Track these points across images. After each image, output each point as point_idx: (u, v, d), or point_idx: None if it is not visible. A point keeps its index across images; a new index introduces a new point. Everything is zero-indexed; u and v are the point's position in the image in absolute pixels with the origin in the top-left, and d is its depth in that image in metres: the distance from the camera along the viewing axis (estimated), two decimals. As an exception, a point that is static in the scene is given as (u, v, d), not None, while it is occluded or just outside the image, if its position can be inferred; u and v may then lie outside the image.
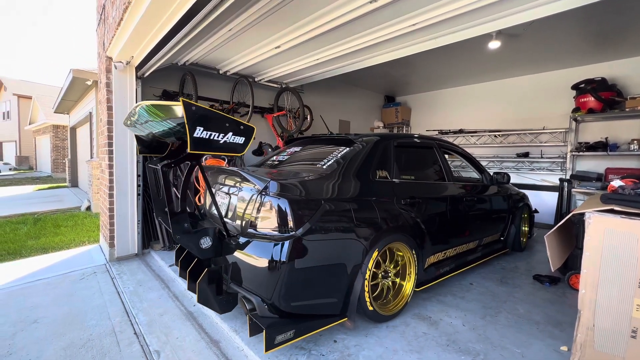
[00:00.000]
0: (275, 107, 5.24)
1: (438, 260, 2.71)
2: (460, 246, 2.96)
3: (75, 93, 8.19)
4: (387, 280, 2.30)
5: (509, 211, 3.66)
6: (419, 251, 2.41)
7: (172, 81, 4.45)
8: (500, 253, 3.60)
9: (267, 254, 1.76)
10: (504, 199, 3.60)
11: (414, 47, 3.57)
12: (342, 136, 2.66)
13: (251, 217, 1.94)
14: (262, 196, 1.86)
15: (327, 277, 1.90)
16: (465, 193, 3.03)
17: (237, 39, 3.29)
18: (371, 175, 2.28)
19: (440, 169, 2.94)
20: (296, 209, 1.81)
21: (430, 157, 2.96)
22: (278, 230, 1.80)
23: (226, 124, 1.52)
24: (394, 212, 2.27)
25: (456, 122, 7.07)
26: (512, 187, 3.93)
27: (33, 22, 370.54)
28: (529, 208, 4.09)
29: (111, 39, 3.17)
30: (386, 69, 5.65)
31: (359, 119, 7.64)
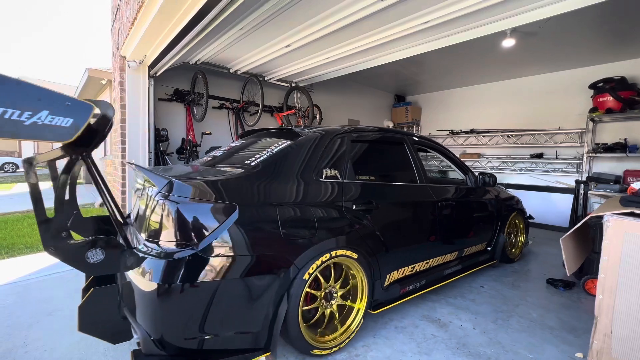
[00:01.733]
0: (284, 106, 5.26)
1: (404, 275, 2.29)
2: (435, 259, 2.54)
3: (90, 92, 8.38)
4: (332, 302, 1.92)
5: (498, 218, 3.23)
6: (375, 266, 2.02)
7: (184, 80, 4.51)
8: (486, 265, 3.16)
9: (156, 275, 1.35)
10: (492, 204, 3.18)
11: (426, 45, 3.52)
12: (287, 129, 2.28)
13: (152, 226, 1.54)
14: (162, 199, 1.46)
15: (241, 303, 1.51)
16: (443, 197, 2.61)
17: (247, 38, 3.31)
18: (314, 175, 1.89)
19: (411, 169, 2.52)
20: (198, 217, 1.43)
21: (399, 155, 2.53)
22: (176, 243, 1.41)
23: (37, 97, 1.03)
24: (341, 221, 1.88)
25: (467, 122, 6.95)
26: (504, 190, 3.58)
27: (47, 22, 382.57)
28: (523, 214, 3.66)
29: (125, 38, 3.23)
30: (397, 68, 5.59)
31: (369, 118, 7.59)
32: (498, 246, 3.24)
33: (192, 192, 1.47)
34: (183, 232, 1.42)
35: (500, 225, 3.25)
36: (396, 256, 2.19)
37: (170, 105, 4.47)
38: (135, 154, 3.75)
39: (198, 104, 4.44)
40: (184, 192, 1.45)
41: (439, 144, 2.97)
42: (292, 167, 1.85)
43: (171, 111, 4.48)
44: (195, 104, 4.45)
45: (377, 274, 2.05)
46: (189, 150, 4.28)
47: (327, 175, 1.95)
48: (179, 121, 4.56)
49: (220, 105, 4.83)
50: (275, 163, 1.84)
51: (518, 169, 6.15)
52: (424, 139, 2.81)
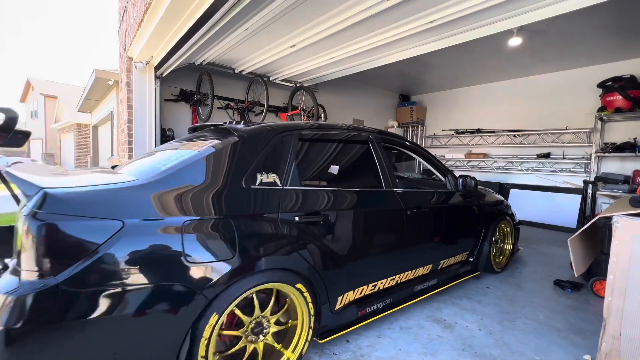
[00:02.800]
0: (289, 106, 5.27)
1: (363, 295, 2.01)
2: (403, 274, 2.24)
3: (98, 93, 8.48)
4: (263, 336, 1.57)
5: (482, 224, 2.94)
6: (321, 288, 1.70)
7: (190, 80, 4.54)
8: (468, 277, 2.86)
9: (4, 313, 1.03)
10: (475, 209, 2.87)
11: (431, 44, 3.51)
12: (218, 125, 1.95)
13: (17, 248, 1.19)
14: (25, 214, 1.11)
15: (129, 347, 1.21)
16: (413, 204, 2.27)
17: (253, 38, 3.33)
18: (244, 181, 1.55)
19: (375, 173, 2.17)
20: (61, 237, 1.09)
21: (361, 156, 2.21)
22: (38, 273, 1.07)
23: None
24: (273, 236, 1.55)
25: (473, 121, 6.90)
26: (491, 193, 3.27)
27: (56, 23, 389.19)
28: (511, 219, 3.33)
29: (132, 40, 3.26)
30: (402, 68, 5.57)
31: (373, 118, 7.57)
32: (482, 256, 2.93)
33: (62, 203, 1.12)
34: (39, 257, 1.07)
35: (484, 232, 2.94)
36: (351, 274, 1.88)
37: (176, 106, 4.51)
38: (141, 154, 3.79)
39: (203, 104, 4.47)
40: (50, 204, 1.10)
41: (414, 142, 2.69)
42: (212, 172, 1.50)
43: (177, 111, 4.52)
44: (200, 104, 4.48)
45: (324, 296, 1.73)
46: (195, 150, 4.31)
47: (262, 182, 1.61)
48: (185, 121, 4.59)
49: (225, 106, 4.86)
50: (190, 168, 1.47)
51: (524, 169, 6.09)
52: (394, 138, 2.51)
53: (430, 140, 7.73)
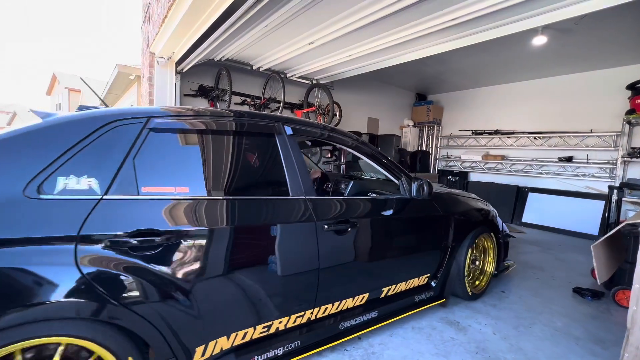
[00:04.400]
0: (305, 103, 5.28)
1: (248, 340, 1.51)
2: (319, 308, 1.71)
3: (119, 87, 8.74)
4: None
5: (450, 239, 2.32)
6: (154, 338, 1.22)
7: (208, 76, 4.62)
8: (428, 306, 2.26)
9: None
10: (439, 221, 2.27)
11: (452, 43, 3.44)
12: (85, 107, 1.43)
13: None
14: None
15: None
16: (336, 215, 1.73)
17: (271, 35, 3.35)
18: (28, 187, 1.07)
19: (280, 175, 1.63)
20: None
21: (260, 153, 1.69)
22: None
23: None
24: (66, 277, 1.06)
25: (492, 122, 6.74)
26: (469, 200, 2.62)
27: (80, 19, 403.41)
28: (495, 231, 2.71)
29: (155, 35, 3.35)
30: (420, 66, 5.49)
31: (389, 117, 7.50)
32: (449, 279, 2.36)
33: None
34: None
35: (453, 249, 2.35)
36: (222, 314, 1.39)
37: (194, 101, 4.60)
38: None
39: (221, 99, 4.54)
40: None
41: (347, 134, 2.01)
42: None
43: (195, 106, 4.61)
44: (218, 99, 4.56)
45: (165, 349, 1.26)
46: (212, 145, 4.39)
47: (65, 189, 1.13)
48: (203, 116, 4.67)
49: (242, 102, 4.92)
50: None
51: (545, 172, 5.91)
52: (311, 127, 1.86)
53: (447, 141, 7.60)
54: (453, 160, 7.41)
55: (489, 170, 6.73)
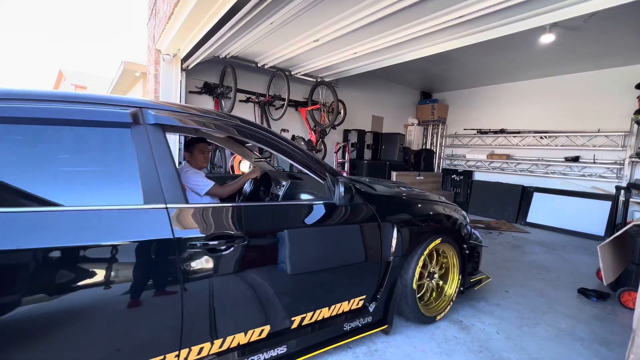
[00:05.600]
0: (309, 101, 5.28)
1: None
2: (188, 349, 1.30)
3: (125, 84, 8.79)
4: None
5: (390, 251, 1.86)
6: None
7: (213, 73, 4.63)
8: (366, 334, 1.87)
9: None
10: (375, 229, 1.82)
11: (460, 40, 3.41)
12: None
13: None
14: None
15: None
16: (208, 228, 1.32)
17: (277, 32, 3.35)
18: None
19: (131, 177, 1.23)
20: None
21: (101, 151, 1.26)
22: None
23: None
24: None
25: (497, 121, 6.68)
26: (425, 203, 2.18)
27: (85, 16, 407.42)
28: (460, 240, 2.25)
29: (161, 32, 3.36)
30: (425, 64, 5.46)
31: (393, 114, 7.48)
32: (393, 300, 1.93)
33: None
34: None
35: (397, 264, 1.90)
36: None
37: (199, 98, 4.61)
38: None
39: (226, 97, 4.55)
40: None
41: (254, 124, 1.63)
42: None
43: (200, 103, 4.62)
44: (223, 97, 4.57)
45: None
46: (216, 142, 4.40)
47: None
48: (208, 113, 4.69)
49: (246, 99, 4.93)
50: None
51: (550, 172, 5.86)
52: (193, 117, 1.44)
53: (451, 140, 7.56)
54: (457, 159, 7.37)
55: (494, 170, 6.69)
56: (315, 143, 5.29)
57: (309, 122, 5.45)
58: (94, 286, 1.09)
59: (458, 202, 7.01)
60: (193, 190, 2.15)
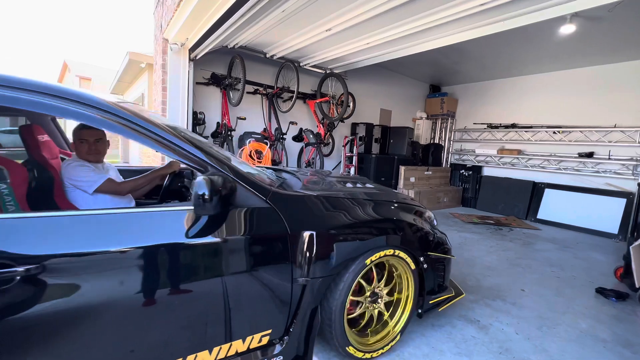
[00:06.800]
0: (318, 93, 5.18)
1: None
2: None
3: (130, 75, 8.71)
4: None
5: (305, 270, 1.40)
6: None
7: (221, 64, 4.54)
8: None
9: None
10: (281, 241, 1.36)
11: (475, 30, 3.28)
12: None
13: None
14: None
15: None
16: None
17: (288, 20, 3.24)
18: None
19: None
20: None
21: None
22: None
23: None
24: None
25: (508, 115, 6.54)
26: (363, 204, 1.69)
27: (90, 5, 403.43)
28: (416, 252, 1.79)
29: (169, 21, 3.27)
30: (436, 56, 5.32)
31: (401, 108, 7.35)
32: (313, 335, 1.47)
33: None
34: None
35: (317, 286, 1.43)
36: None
37: (206, 89, 4.53)
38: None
39: (234, 88, 4.46)
40: None
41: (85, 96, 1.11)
42: None
43: (207, 95, 4.55)
44: (231, 88, 4.48)
45: None
46: (224, 134, 4.34)
47: None
48: (215, 105, 4.62)
49: (254, 91, 4.84)
50: None
51: (563, 168, 5.74)
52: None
53: (460, 134, 7.43)
54: (466, 154, 7.25)
55: (504, 165, 6.57)
56: (324, 136, 5.20)
57: (317, 115, 5.36)
58: None
59: (467, 197, 6.93)
60: (79, 188, 1.68)
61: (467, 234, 4.48)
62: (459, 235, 4.41)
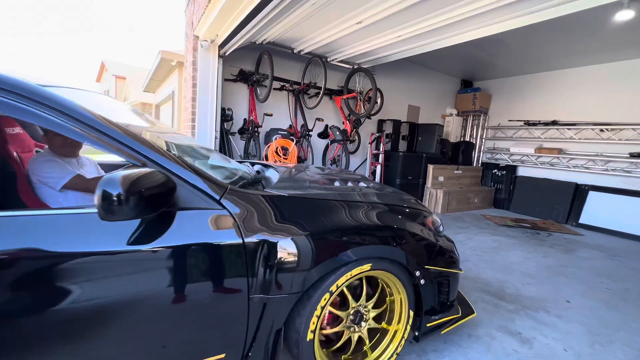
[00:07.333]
0: (345, 89, 5.07)
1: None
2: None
3: (162, 73, 9.02)
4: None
5: (263, 286, 1.17)
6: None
7: (249, 61, 4.55)
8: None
9: None
10: (230, 251, 1.12)
11: (519, 19, 3.04)
12: None
13: None
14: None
15: None
16: None
17: (318, 14, 3.16)
18: None
19: None
20: None
21: None
22: None
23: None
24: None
25: (547, 112, 6.11)
26: (352, 205, 1.46)
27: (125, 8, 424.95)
28: (412, 264, 1.50)
29: (200, 17, 3.30)
30: (470, 49, 5.04)
31: (430, 104, 7.08)
32: (277, 358, 1.28)
33: None
34: None
35: (280, 306, 1.23)
36: None
37: (234, 86, 4.56)
38: (203, 132, 3.92)
39: (261, 84, 4.46)
40: None
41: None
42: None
43: (235, 91, 4.58)
44: (258, 84, 4.49)
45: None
46: (251, 131, 4.36)
47: None
48: (242, 101, 4.65)
49: (281, 87, 4.81)
50: None
51: (611, 169, 5.27)
52: None
53: (494, 132, 7.04)
54: (500, 152, 6.86)
55: (542, 165, 6.15)
56: (350, 133, 5.10)
57: (344, 111, 5.26)
58: None
59: (499, 198, 6.57)
60: (46, 184, 1.56)
61: (502, 237, 4.23)
62: (492, 238, 4.17)
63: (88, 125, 1.00)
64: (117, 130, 1.04)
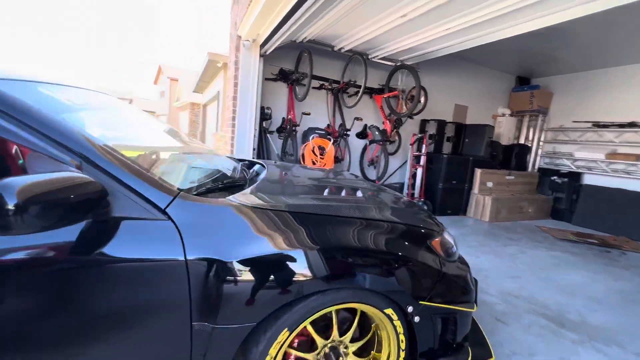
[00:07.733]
0: (386, 88, 4.87)
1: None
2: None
3: (209, 74, 9.51)
4: None
5: (207, 316, 0.99)
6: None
7: (288, 60, 4.57)
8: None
9: None
10: (168, 272, 0.94)
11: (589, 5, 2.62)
12: None
13: None
14: None
15: None
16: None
17: (359, 8, 3.05)
18: None
19: None
20: None
21: None
22: None
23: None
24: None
25: (622, 112, 5.31)
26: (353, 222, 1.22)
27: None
28: (396, 295, 1.20)
29: (242, 17, 3.36)
30: (528, 41, 4.53)
31: (480, 103, 6.56)
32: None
33: None
34: None
35: (231, 337, 1.02)
36: None
37: (274, 85, 4.61)
38: (243, 130, 4.01)
39: (300, 83, 4.45)
40: None
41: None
42: None
43: (274, 90, 4.62)
44: (297, 83, 4.48)
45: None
46: (289, 130, 4.36)
47: None
48: (281, 100, 4.68)
49: (320, 86, 4.76)
50: None
51: None
52: None
53: (554, 134, 6.32)
54: (561, 157, 6.13)
55: (615, 173, 5.36)
56: (390, 133, 4.89)
57: (384, 111, 5.05)
58: None
59: (558, 209, 5.87)
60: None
61: (562, 254, 3.74)
62: (549, 254, 3.70)
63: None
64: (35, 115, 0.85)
